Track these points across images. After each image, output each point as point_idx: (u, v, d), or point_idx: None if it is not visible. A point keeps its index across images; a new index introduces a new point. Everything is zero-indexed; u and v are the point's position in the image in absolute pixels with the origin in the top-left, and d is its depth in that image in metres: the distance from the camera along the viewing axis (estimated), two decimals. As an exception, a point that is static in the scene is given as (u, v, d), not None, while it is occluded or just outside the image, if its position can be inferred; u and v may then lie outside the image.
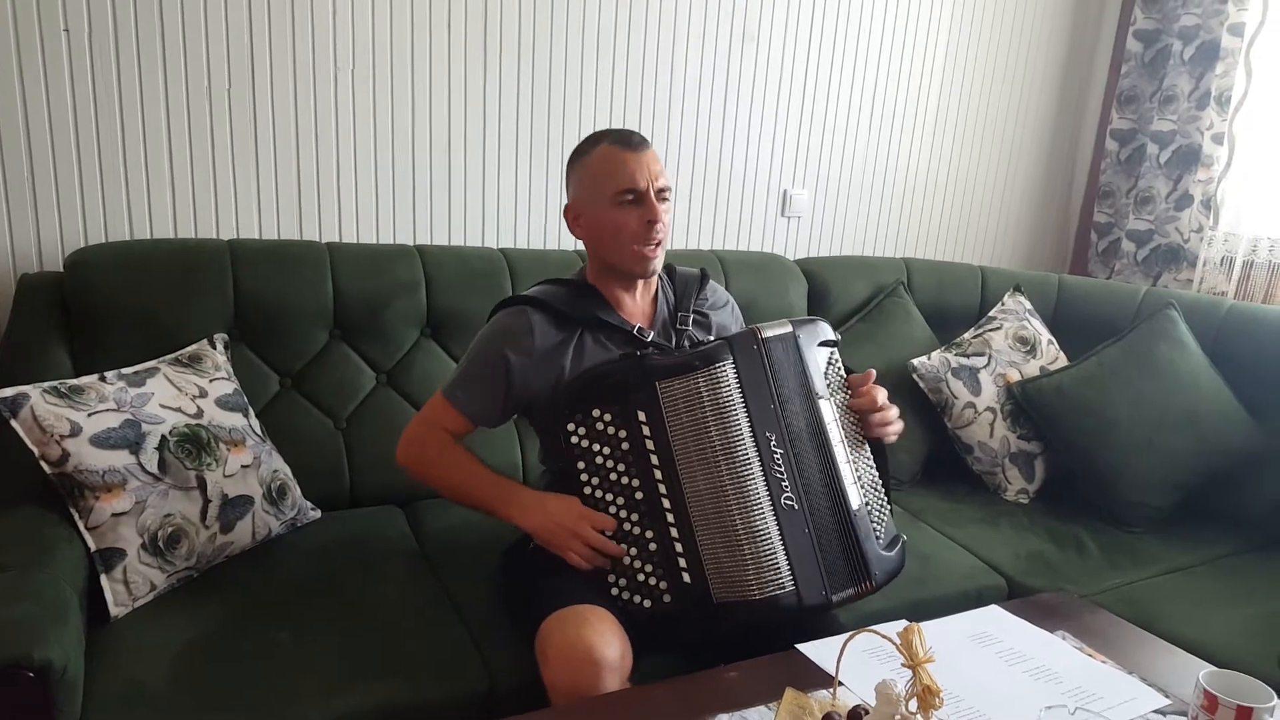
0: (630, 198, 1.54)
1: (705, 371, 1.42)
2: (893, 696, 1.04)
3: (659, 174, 1.56)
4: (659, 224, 1.54)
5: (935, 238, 3.06)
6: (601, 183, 1.55)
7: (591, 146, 1.59)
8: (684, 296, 1.70)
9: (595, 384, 1.49)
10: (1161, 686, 1.29)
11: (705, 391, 1.42)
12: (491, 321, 1.63)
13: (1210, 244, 2.80)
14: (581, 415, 1.48)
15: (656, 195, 1.54)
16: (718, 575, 1.40)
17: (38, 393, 1.49)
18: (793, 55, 2.62)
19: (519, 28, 2.25)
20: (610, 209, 1.55)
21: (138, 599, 1.49)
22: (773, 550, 1.39)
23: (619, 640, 1.35)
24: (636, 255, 1.57)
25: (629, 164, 1.54)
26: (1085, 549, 2.04)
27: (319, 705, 1.32)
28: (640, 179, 1.53)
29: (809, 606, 1.40)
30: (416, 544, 1.81)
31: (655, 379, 1.44)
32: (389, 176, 2.20)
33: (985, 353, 2.37)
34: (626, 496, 1.46)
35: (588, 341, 1.59)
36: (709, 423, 1.41)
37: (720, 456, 1.41)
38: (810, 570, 1.41)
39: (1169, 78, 2.85)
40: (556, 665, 1.33)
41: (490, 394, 1.58)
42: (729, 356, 1.44)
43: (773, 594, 1.38)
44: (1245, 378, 2.24)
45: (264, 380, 1.90)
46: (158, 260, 1.84)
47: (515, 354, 1.55)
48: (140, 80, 1.91)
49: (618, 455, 1.46)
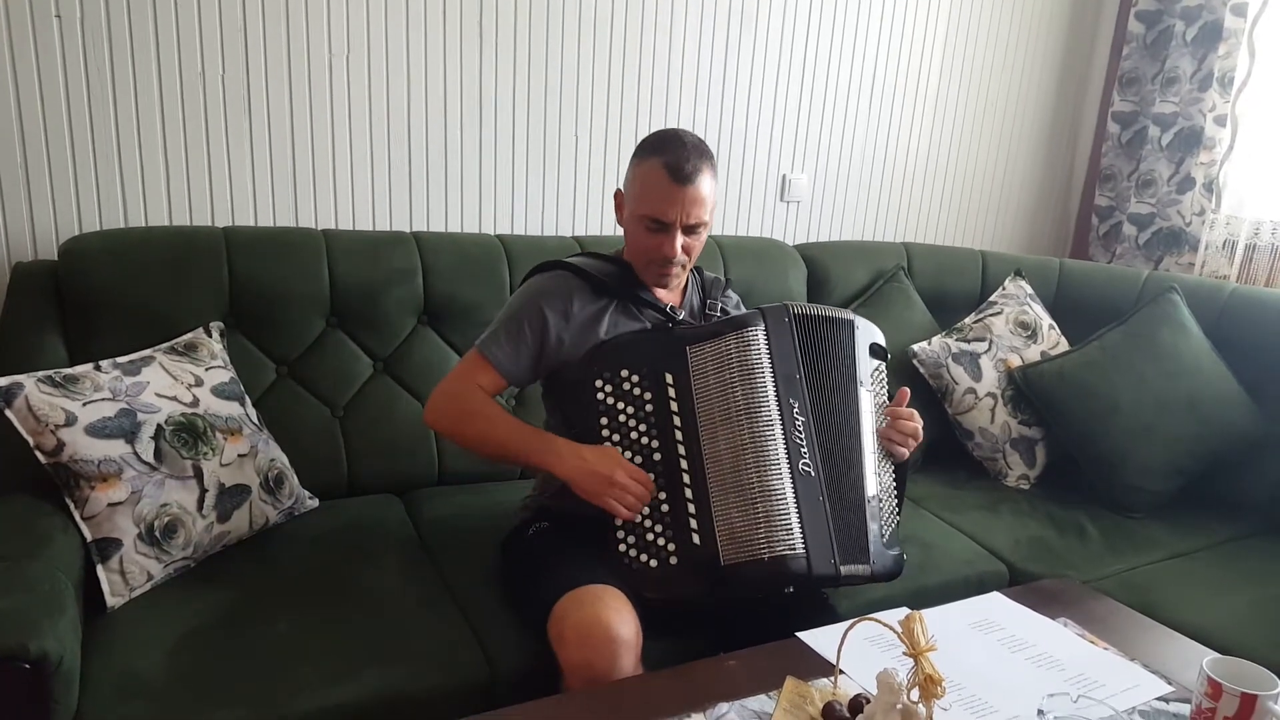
0: (655, 225, 1.56)
1: (737, 335, 1.48)
2: (894, 685, 1.03)
3: (694, 211, 1.55)
4: (675, 258, 1.57)
5: (935, 222, 3.04)
6: (638, 197, 1.58)
7: (650, 154, 1.57)
8: (712, 291, 1.77)
9: (627, 346, 1.54)
10: (1164, 673, 1.28)
11: (736, 353, 1.47)
12: (529, 282, 1.66)
13: (1212, 227, 2.79)
14: (610, 374, 1.52)
15: (687, 229, 1.56)
16: (729, 537, 1.42)
17: (32, 382, 1.48)
18: (791, 39, 2.60)
19: (515, 13, 2.23)
20: (638, 223, 1.59)
21: (134, 589, 1.48)
22: (786, 510, 1.41)
23: (633, 618, 1.37)
24: (652, 273, 1.62)
25: (666, 195, 1.54)
26: (1086, 535, 2.04)
27: (318, 695, 1.31)
28: (670, 213, 1.54)
29: (817, 575, 1.40)
30: (414, 532, 1.80)
31: (687, 344, 1.50)
32: (385, 163, 2.18)
33: (986, 338, 2.36)
34: (645, 456, 1.49)
35: (622, 313, 1.63)
36: (735, 384, 1.46)
37: (743, 416, 1.45)
38: (821, 538, 1.43)
39: (1171, 59, 2.83)
40: (574, 645, 1.33)
41: (525, 347, 1.60)
42: (760, 323, 1.49)
43: (782, 554, 1.39)
44: (1247, 362, 2.24)
45: (260, 368, 1.89)
46: (153, 248, 1.82)
47: (553, 313, 1.59)
48: (133, 66, 1.89)
49: (641, 415, 1.50)
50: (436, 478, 2.00)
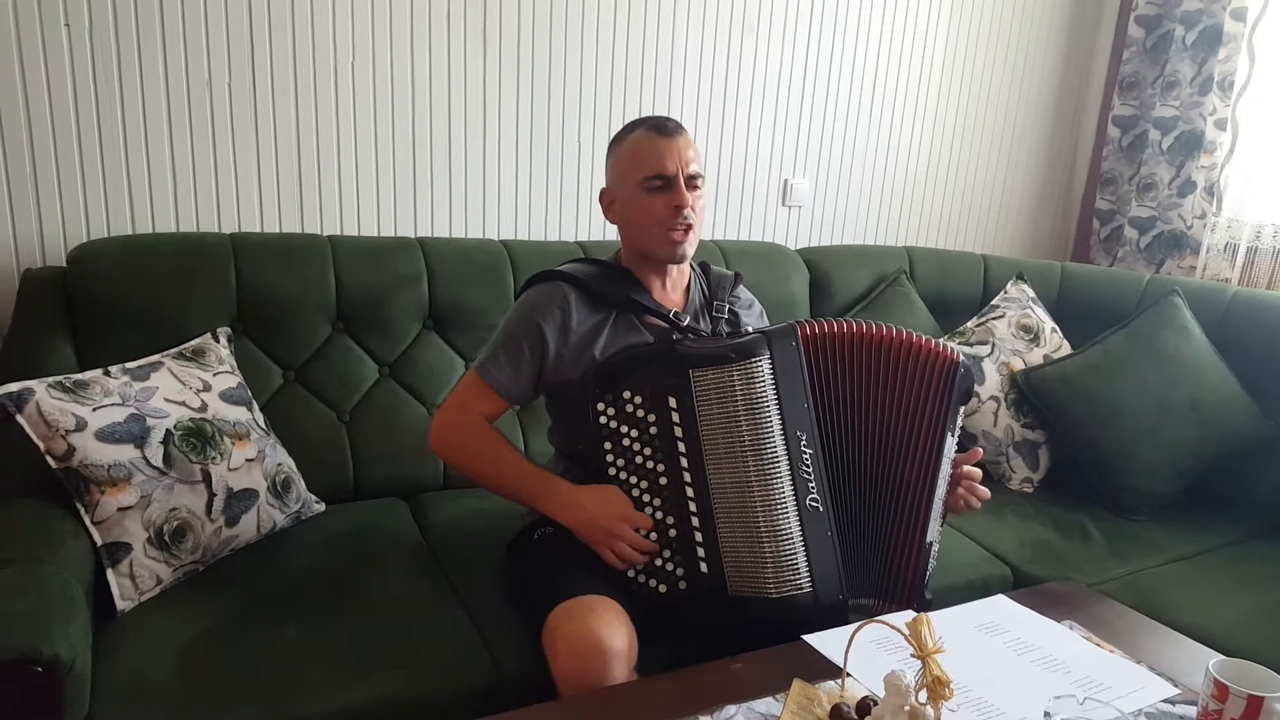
0: (659, 183, 1.54)
1: (740, 365, 1.41)
2: (902, 687, 1.03)
3: (690, 160, 1.55)
4: (686, 209, 1.54)
5: (937, 226, 3.05)
6: (632, 168, 1.56)
7: (627, 134, 1.60)
8: (719, 291, 1.69)
9: (628, 365, 1.49)
10: (1170, 675, 1.29)
11: (739, 385, 1.41)
12: (525, 295, 1.62)
13: (1213, 230, 2.79)
14: (612, 396, 1.47)
15: (687, 181, 1.54)
16: (736, 569, 1.40)
17: (42, 387, 1.49)
18: (792, 44, 2.61)
19: (518, 18, 2.24)
20: (640, 194, 1.55)
21: (144, 593, 1.49)
22: (793, 551, 1.39)
23: (626, 630, 1.35)
24: (665, 240, 1.56)
25: (659, 149, 1.54)
26: (1090, 537, 2.04)
27: (326, 698, 1.32)
28: (670, 164, 1.53)
29: (825, 608, 1.40)
30: (421, 536, 1.81)
31: (689, 367, 1.43)
32: (390, 168, 2.19)
33: (989, 341, 2.37)
34: (651, 480, 1.46)
35: (621, 326, 1.58)
36: (739, 417, 1.40)
37: (749, 452, 1.40)
38: (829, 569, 1.41)
39: (1171, 63, 2.84)
40: (564, 656, 1.32)
41: (524, 367, 1.56)
42: (765, 351, 1.42)
43: (789, 594, 1.38)
44: (1250, 364, 2.24)
45: (267, 373, 1.90)
46: (160, 254, 1.83)
47: (551, 329, 1.55)
48: (141, 74, 1.91)
49: (645, 439, 1.46)
50: (442, 481, 2.01)
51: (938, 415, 1.47)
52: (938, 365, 1.47)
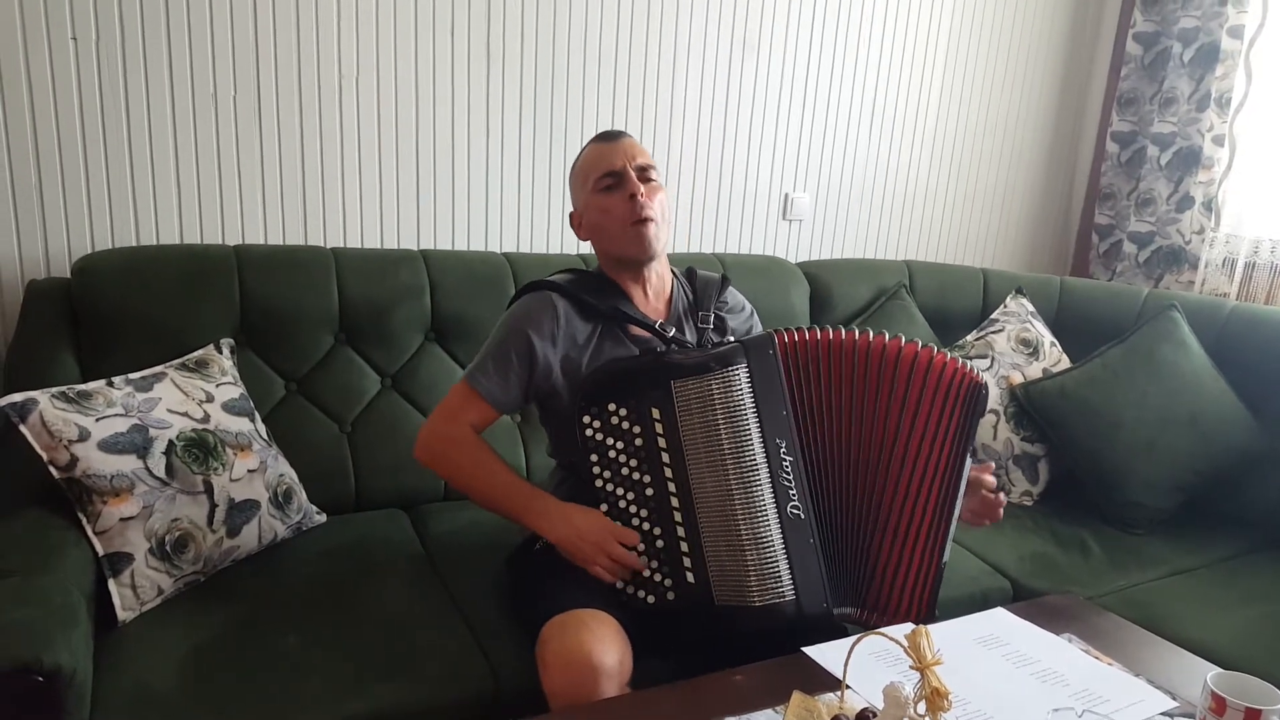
0: (611, 180, 1.58)
1: (718, 374, 1.42)
2: (901, 699, 1.04)
3: (637, 155, 1.60)
4: (640, 198, 1.56)
5: (936, 241, 3.06)
6: (586, 178, 1.62)
7: (579, 155, 1.67)
8: (704, 298, 1.70)
9: (613, 378, 1.50)
10: (1169, 689, 1.29)
11: (718, 394, 1.42)
12: (516, 306, 1.63)
13: (1212, 245, 2.81)
14: (597, 409, 1.49)
15: (637, 173, 1.58)
16: (720, 578, 1.41)
17: (46, 398, 1.50)
18: (794, 60, 2.63)
19: (521, 36, 2.26)
20: (598, 198, 1.60)
21: (145, 603, 1.49)
22: (774, 559, 1.39)
23: (618, 646, 1.35)
24: (630, 236, 1.57)
25: (605, 152, 1.61)
26: (1089, 551, 2.05)
27: (326, 709, 1.32)
28: (616, 160, 1.58)
29: (809, 615, 1.40)
30: (421, 547, 1.81)
31: (671, 378, 1.44)
32: (393, 181, 2.20)
33: (988, 355, 2.38)
34: (637, 492, 1.46)
35: (609, 337, 1.59)
36: (719, 425, 1.41)
37: (729, 460, 1.41)
38: (812, 578, 1.41)
39: (1169, 80, 2.86)
40: (555, 671, 1.32)
41: (514, 376, 1.56)
42: (743, 360, 1.44)
43: (772, 602, 1.38)
44: (1248, 379, 2.25)
45: (270, 385, 1.90)
46: (164, 266, 1.85)
47: (540, 339, 1.55)
48: (146, 86, 1.92)
49: (630, 450, 1.46)
50: (443, 493, 2.01)
51: (959, 434, 1.44)
52: (957, 383, 1.44)
